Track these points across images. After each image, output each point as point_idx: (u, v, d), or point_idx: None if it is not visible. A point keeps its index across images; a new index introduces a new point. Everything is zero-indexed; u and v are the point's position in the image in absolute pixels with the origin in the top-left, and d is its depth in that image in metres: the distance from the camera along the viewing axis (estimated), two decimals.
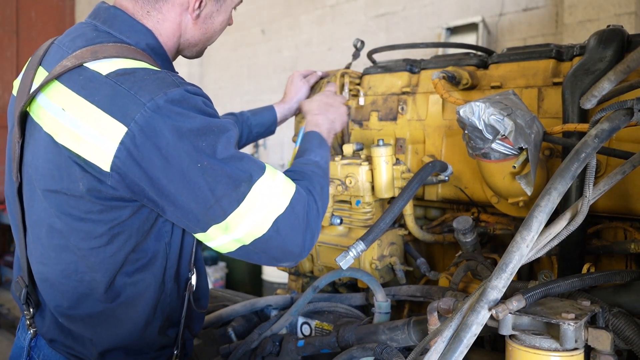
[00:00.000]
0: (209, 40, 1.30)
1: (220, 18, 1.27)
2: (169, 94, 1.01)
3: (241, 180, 1.05)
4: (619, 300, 1.08)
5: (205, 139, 1.02)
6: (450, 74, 1.49)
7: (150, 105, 0.99)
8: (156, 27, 1.18)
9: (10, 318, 4.78)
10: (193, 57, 1.34)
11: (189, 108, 1.03)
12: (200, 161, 1.01)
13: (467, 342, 0.88)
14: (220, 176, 1.03)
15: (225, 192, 1.03)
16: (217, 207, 1.03)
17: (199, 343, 1.53)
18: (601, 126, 1.03)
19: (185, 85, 1.05)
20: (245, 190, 1.05)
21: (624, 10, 3.25)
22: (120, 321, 1.15)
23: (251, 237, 1.07)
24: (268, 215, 1.07)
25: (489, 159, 1.26)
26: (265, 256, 1.11)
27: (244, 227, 1.06)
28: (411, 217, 1.59)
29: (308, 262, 1.72)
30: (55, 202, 1.08)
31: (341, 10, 5.30)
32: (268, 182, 1.09)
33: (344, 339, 1.33)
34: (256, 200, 1.06)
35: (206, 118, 1.05)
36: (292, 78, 1.81)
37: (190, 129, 1.01)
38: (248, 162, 1.08)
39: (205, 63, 6.87)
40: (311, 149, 1.32)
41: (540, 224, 0.92)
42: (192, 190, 1.02)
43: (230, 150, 1.06)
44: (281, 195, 1.10)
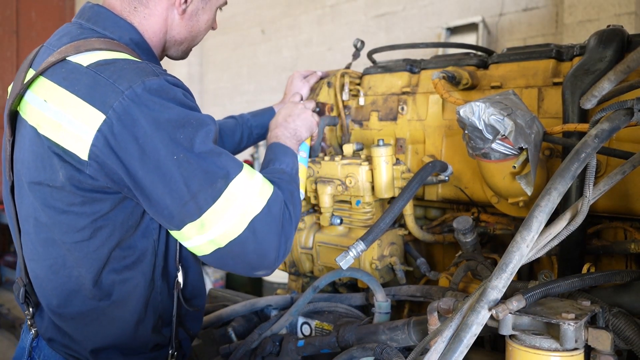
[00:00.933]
0: (194, 39, 1.32)
1: (205, 16, 1.29)
2: (147, 82, 1.01)
3: (218, 177, 1.04)
4: (619, 300, 1.08)
5: (183, 131, 1.02)
6: (450, 74, 1.49)
7: (128, 93, 0.99)
8: (142, 23, 1.20)
9: (10, 318, 4.78)
10: (178, 58, 1.35)
11: (167, 98, 1.03)
12: (177, 153, 1.00)
13: (467, 342, 0.88)
14: (197, 170, 1.02)
15: (201, 187, 1.02)
16: (192, 203, 1.02)
17: (199, 343, 1.53)
18: (601, 126, 1.03)
19: (165, 76, 1.06)
20: (221, 187, 1.03)
21: (624, 10, 3.25)
22: (111, 320, 1.15)
23: (227, 238, 1.05)
24: (244, 214, 1.05)
25: (489, 159, 1.26)
26: (240, 262, 1.08)
27: (220, 227, 1.04)
28: (411, 217, 1.59)
29: (308, 262, 1.72)
30: (40, 195, 1.09)
31: (341, 10, 5.30)
32: (245, 180, 1.07)
33: (344, 339, 1.33)
34: (233, 198, 1.04)
35: (185, 110, 1.04)
36: (292, 79, 1.81)
37: (168, 120, 1.01)
38: (226, 159, 1.07)
39: (205, 63, 6.87)
40: (274, 158, 1.30)
41: (540, 224, 0.92)
42: (167, 183, 1.01)
43: (208, 145, 1.05)
44: (258, 195, 1.08)
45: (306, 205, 1.75)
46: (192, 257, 1.26)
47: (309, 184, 1.64)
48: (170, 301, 1.21)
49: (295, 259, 1.71)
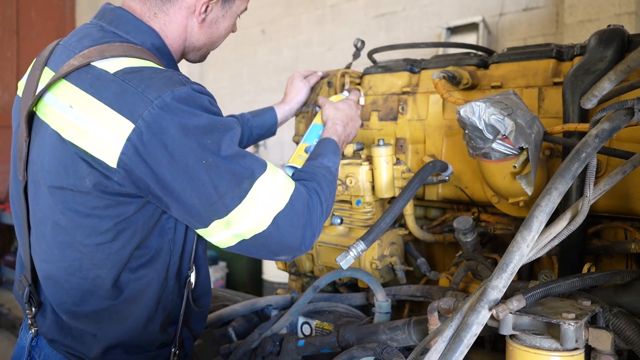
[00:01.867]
0: (213, 45, 1.33)
1: (225, 24, 1.29)
2: (176, 92, 1.02)
3: (244, 177, 1.07)
4: (620, 300, 1.08)
5: (210, 137, 1.04)
6: (450, 73, 1.49)
7: (157, 102, 1.00)
8: (162, 29, 1.20)
9: (10, 318, 4.78)
10: (196, 61, 1.36)
11: (195, 106, 1.05)
12: (205, 158, 1.03)
13: (468, 342, 0.88)
14: (224, 173, 1.05)
15: (228, 188, 1.05)
16: (220, 203, 1.05)
17: (199, 343, 1.53)
18: (602, 126, 1.03)
19: (192, 84, 1.08)
20: (247, 187, 1.07)
21: (624, 10, 3.25)
22: (123, 317, 1.16)
23: (251, 232, 1.09)
24: (268, 211, 1.09)
25: (489, 158, 1.26)
26: (264, 250, 1.14)
27: (245, 223, 1.08)
28: (411, 217, 1.59)
29: (308, 262, 1.72)
30: (61, 199, 1.09)
31: (341, 10, 5.30)
32: (269, 179, 1.11)
33: (344, 339, 1.33)
34: (257, 196, 1.08)
35: (211, 116, 1.07)
36: (293, 79, 1.81)
37: (196, 127, 1.03)
38: (250, 160, 1.10)
39: (205, 63, 6.86)
40: (325, 154, 1.34)
41: (540, 223, 0.92)
42: (196, 186, 1.03)
43: (233, 148, 1.08)
44: (281, 192, 1.12)
45: None
46: (204, 257, 1.29)
47: None
48: (179, 300, 1.23)
49: (296, 259, 1.71)
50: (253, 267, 5.10)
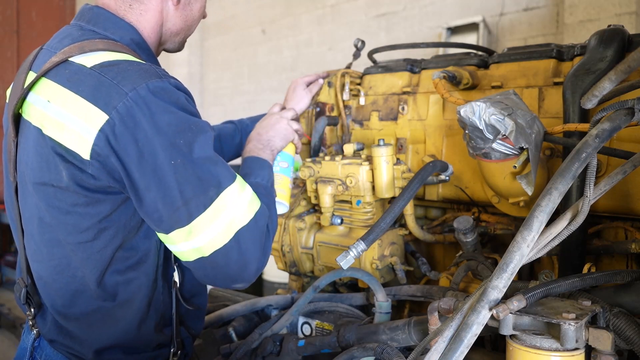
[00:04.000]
0: (189, 28, 1.33)
1: (198, 5, 1.31)
2: (151, 84, 1.02)
3: (211, 185, 1.05)
4: (620, 300, 1.08)
5: (183, 136, 1.03)
6: (450, 73, 1.49)
7: (132, 94, 1.00)
8: (139, 20, 1.21)
9: (10, 318, 4.78)
10: (174, 50, 1.36)
11: (169, 101, 1.03)
12: (175, 158, 1.01)
13: (468, 342, 0.88)
14: (192, 177, 1.03)
15: (193, 194, 1.03)
16: (183, 209, 1.03)
17: (200, 343, 1.53)
18: (602, 126, 1.03)
19: (169, 79, 1.07)
20: (213, 196, 1.04)
21: (624, 10, 3.24)
22: (115, 320, 1.15)
23: (212, 247, 1.06)
24: (232, 225, 1.06)
25: (489, 158, 1.26)
26: (220, 273, 1.09)
27: (207, 235, 1.05)
28: (412, 217, 1.59)
29: (308, 262, 1.72)
30: (44, 195, 1.09)
31: (341, 10, 5.30)
32: (236, 191, 1.08)
33: (345, 339, 1.33)
34: (223, 207, 1.05)
35: (186, 115, 1.05)
36: (295, 86, 1.78)
37: (169, 124, 1.02)
38: (221, 168, 1.08)
39: (206, 63, 6.87)
40: (249, 172, 1.29)
41: (541, 223, 0.92)
42: (162, 188, 1.02)
43: (206, 152, 1.06)
44: (247, 207, 1.09)
45: (306, 205, 1.75)
46: None
47: (310, 183, 1.64)
48: (170, 300, 1.22)
49: (296, 259, 1.71)
50: None
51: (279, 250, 1.71)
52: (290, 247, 1.70)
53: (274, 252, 1.73)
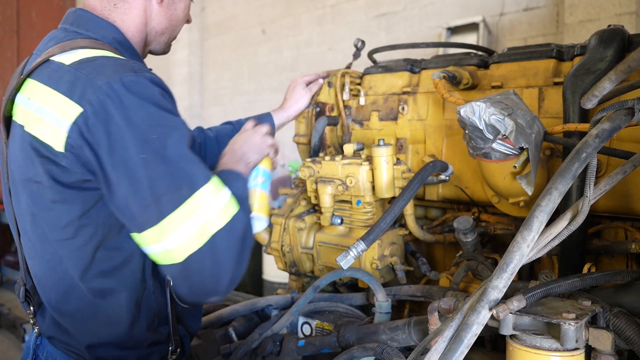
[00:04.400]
0: (174, 29, 1.34)
1: (182, 5, 1.32)
2: (125, 79, 1.03)
3: (184, 183, 1.03)
4: (620, 300, 1.08)
5: (156, 132, 1.02)
6: (450, 73, 1.49)
7: (105, 88, 1.01)
8: (123, 19, 1.23)
9: (10, 318, 4.78)
10: (160, 52, 1.38)
11: (143, 96, 1.03)
12: (146, 152, 1.01)
13: (468, 342, 0.88)
14: (163, 173, 1.01)
15: (165, 191, 1.01)
16: (154, 206, 1.01)
17: (200, 343, 1.53)
18: (602, 126, 1.03)
19: (145, 73, 1.07)
20: (186, 194, 1.02)
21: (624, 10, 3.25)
22: (106, 318, 1.16)
23: (184, 251, 1.02)
24: (205, 227, 1.03)
25: (489, 158, 1.26)
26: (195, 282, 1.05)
27: (178, 236, 1.02)
28: (412, 217, 1.59)
29: (308, 262, 1.72)
30: (30, 192, 1.11)
31: (342, 10, 5.30)
32: (211, 192, 1.05)
33: (345, 339, 1.33)
34: (196, 208, 1.02)
35: (159, 110, 1.05)
36: (295, 85, 1.79)
37: (142, 118, 1.02)
38: (196, 167, 1.06)
39: (206, 63, 6.87)
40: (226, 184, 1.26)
41: (541, 223, 0.92)
42: (132, 182, 1.01)
43: (180, 149, 1.04)
44: (222, 210, 1.06)
45: (306, 205, 1.75)
46: None
47: (310, 183, 1.64)
48: (164, 299, 1.21)
49: (296, 259, 1.71)
50: (253, 267, 5.10)
51: (279, 250, 1.71)
52: (290, 247, 1.70)
53: (274, 252, 1.73)
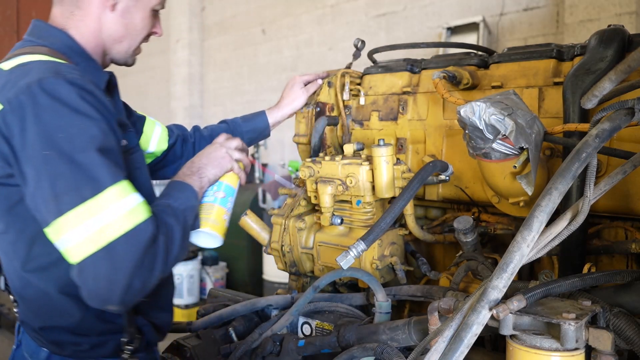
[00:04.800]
0: (133, 39, 1.36)
1: (139, 15, 1.34)
2: (43, 81, 1.07)
3: (86, 184, 1.04)
4: (620, 300, 1.08)
5: (65, 131, 1.05)
6: (450, 73, 1.49)
7: (24, 88, 1.07)
8: (79, 26, 1.28)
9: (10, 318, 4.78)
10: (123, 62, 1.40)
11: (57, 98, 1.07)
12: (50, 150, 1.05)
13: (468, 342, 0.88)
14: (66, 172, 1.04)
15: (65, 190, 1.03)
16: (53, 203, 1.03)
17: (200, 343, 1.53)
18: (602, 126, 1.03)
19: (66, 75, 1.10)
20: (86, 195, 1.03)
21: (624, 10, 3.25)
22: (56, 305, 1.21)
23: (79, 253, 1.03)
24: (104, 231, 1.03)
25: (489, 158, 1.26)
26: (90, 287, 1.04)
27: (75, 236, 1.02)
28: (412, 217, 1.59)
29: (309, 262, 1.72)
30: None
31: (342, 10, 5.30)
32: (116, 196, 1.06)
33: (345, 339, 1.33)
34: (96, 210, 1.03)
35: (71, 112, 1.07)
36: (293, 84, 1.80)
37: (52, 118, 1.06)
38: (103, 169, 1.06)
39: (206, 63, 6.87)
40: (166, 194, 1.27)
41: (541, 223, 0.92)
42: (37, 178, 1.05)
43: (88, 151, 1.06)
44: (126, 215, 1.05)
45: (306, 205, 1.75)
46: None
47: (310, 183, 1.64)
48: None
49: (296, 259, 1.71)
50: (253, 267, 5.11)
51: (279, 250, 1.71)
52: (290, 247, 1.70)
53: (274, 252, 1.73)
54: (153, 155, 1.71)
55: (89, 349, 1.24)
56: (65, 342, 1.23)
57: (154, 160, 1.73)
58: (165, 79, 7.27)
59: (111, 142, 1.12)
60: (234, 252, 5.15)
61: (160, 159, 1.73)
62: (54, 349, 1.24)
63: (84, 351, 1.24)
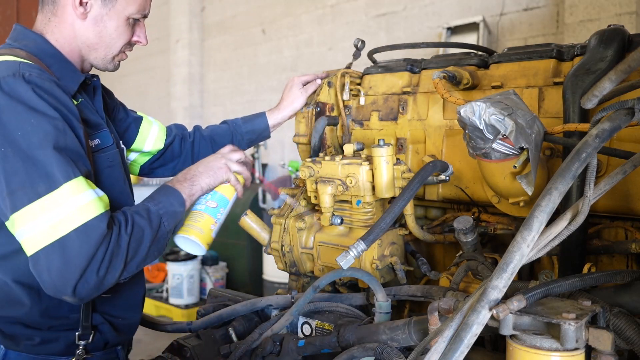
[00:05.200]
0: (108, 46, 1.37)
1: (112, 23, 1.34)
2: (3, 80, 1.11)
3: (41, 180, 1.07)
4: (620, 300, 1.08)
5: (21, 129, 1.08)
6: (450, 73, 1.49)
7: None
8: (54, 32, 1.32)
9: None
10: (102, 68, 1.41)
11: (14, 96, 1.10)
12: (5, 147, 1.07)
13: (468, 342, 0.88)
14: (20, 169, 1.07)
15: (19, 186, 1.06)
16: (8, 199, 1.07)
17: (200, 343, 1.53)
18: (602, 126, 1.03)
19: (24, 74, 1.13)
20: (41, 192, 1.06)
21: (624, 10, 3.25)
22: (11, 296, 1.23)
23: (33, 245, 1.06)
24: (57, 226, 1.06)
25: (489, 158, 1.26)
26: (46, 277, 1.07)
27: (28, 230, 1.06)
28: (412, 217, 1.58)
29: (309, 262, 1.72)
30: None
31: (342, 10, 5.30)
32: (70, 192, 1.08)
33: (345, 339, 1.33)
34: (50, 206, 1.06)
35: (27, 110, 1.10)
36: (291, 86, 1.80)
37: (9, 116, 1.09)
38: (59, 166, 1.08)
39: (206, 63, 6.87)
40: (151, 197, 1.29)
41: (541, 223, 0.92)
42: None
43: (43, 148, 1.08)
44: (79, 211, 1.08)
45: (306, 205, 1.75)
46: None
47: (310, 183, 1.64)
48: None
49: (296, 259, 1.71)
50: (253, 267, 5.11)
51: (279, 250, 1.71)
52: (290, 247, 1.70)
53: (274, 252, 1.73)
54: (149, 154, 1.74)
55: (40, 343, 1.25)
56: (18, 336, 1.25)
57: (150, 159, 1.74)
58: (165, 79, 7.27)
59: (67, 139, 1.14)
60: (234, 252, 5.15)
61: (156, 157, 1.75)
62: (9, 344, 1.25)
63: (36, 346, 1.25)
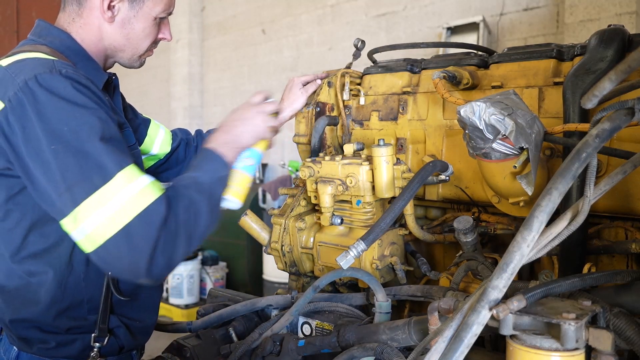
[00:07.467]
0: (136, 47, 1.36)
1: (140, 25, 1.33)
2: (40, 76, 1.09)
3: (95, 172, 1.07)
4: (620, 300, 1.08)
5: (67, 124, 1.08)
6: (450, 73, 1.49)
7: (22, 85, 1.09)
8: (78, 32, 1.31)
9: None
10: (130, 65, 1.41)
11: (55, 92, 1.09)
12: (55, 144, 1.07)
13: (468, 342, 0.88)
14: (73, 163, 1.06)
15: (76, 180, 1.06)
16: (67, 195, 1.06)
17: (200, 343, 1.53)
18: (602, 126, 1.02)
19: (62, 69, 1.13)
20: (98, 183, 1.06)
21: (625, 10, 3.25)
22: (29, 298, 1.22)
23: (101, 236, 1.05)
24: (118, 215, 1.06)
25: (489, 158, 1.26)
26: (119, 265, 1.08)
27: (92, 223, 1.05)
28: (412, 217, 1.58)
29: (308, 262, 1.72)
30: None
31: (342, 9, 5.30)
32: (125, 181, 1.08)
33: (345, 339, 1.33)
34: (109, 196, 1.06)
35: (70, 104, 1.10)
36: (291, 86, 1.80)
37: (53, 112, 1.08)
38: (109, 156, 1.09)
39: (206, 63, 6.87)
40: (196, 165, 1.25)
41: (541, 223, 0.92)
42: (46, 172, 1.07)
43: (91, 141, 1.08)
44: (138, 197, 1.07)
45: (306, 205, 1.75)
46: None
47: (310, 183, 1.64)
48: (98, 288, 1.25)
49: (296, 259, 1.71)
50: (253, 267, 5.11)
51: (279, 250, 1.71)
52: (290, 247, 1.70)
53: (274, 252, 1.73)
54: (156, 158, 1.73)
55: (56, 346, 1.24)
56: (32, 339, 1.24)
57: (156, 163, 1.73)
58: (165, 79, 7.27)
59: (111, 130, 1.14)
60: (234, 252, 5.15)
61: (163, 161, 1.75)
62: (22, 346, 1.25)
63: (50, 349, 1.24)
